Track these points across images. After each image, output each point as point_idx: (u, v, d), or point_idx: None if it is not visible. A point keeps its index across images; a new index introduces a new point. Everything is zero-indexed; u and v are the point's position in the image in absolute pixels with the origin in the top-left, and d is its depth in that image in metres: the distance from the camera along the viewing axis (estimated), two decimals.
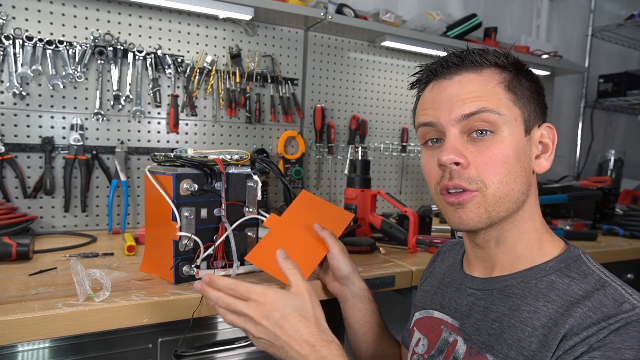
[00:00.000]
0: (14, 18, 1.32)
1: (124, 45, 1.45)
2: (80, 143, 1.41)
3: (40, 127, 1.38)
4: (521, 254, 0.66)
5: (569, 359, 0.54)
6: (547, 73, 2.33)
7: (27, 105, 1.36)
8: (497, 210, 0.62)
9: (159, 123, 1.55)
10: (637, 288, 0.59)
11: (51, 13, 1.37)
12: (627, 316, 0.53)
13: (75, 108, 1.42)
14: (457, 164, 0.62)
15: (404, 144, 2.04)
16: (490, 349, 0.62)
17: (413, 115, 0.73)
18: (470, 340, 0.66)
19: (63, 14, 1.38)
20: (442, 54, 0.68)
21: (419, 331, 0.77)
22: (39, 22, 1.35)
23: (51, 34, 1.37)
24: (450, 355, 0.68)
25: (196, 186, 0.90)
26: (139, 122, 1.52)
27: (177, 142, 1.59)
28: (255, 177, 0.97)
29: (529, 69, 0.68)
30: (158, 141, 1.55)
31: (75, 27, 1.40)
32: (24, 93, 1.33)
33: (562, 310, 0.57)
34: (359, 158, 1.46)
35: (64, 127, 1.41)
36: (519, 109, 0.64)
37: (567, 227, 1.77)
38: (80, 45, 1.39)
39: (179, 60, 1.54)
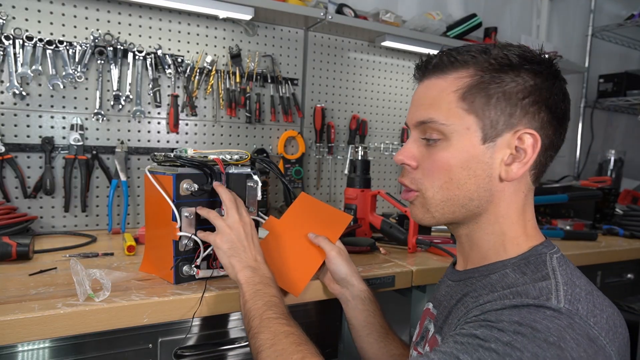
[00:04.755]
0: (14, 18, 1.32)
1: (124, 45, 1.45)
2: (80, 143, 1.41)
3: (40, 127, 1.38)
4: (486, 253, 0.67)
5: (463, 319, 0.57)
6: None
7: (27, 105, 1.36)
8: (440, 212, 0.67)
9: (159, 123, 1.55)
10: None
11: (51, 13, 1.37)
12: (529, 301, 0.53)
13: (75, 108, 1.42)
14: (409, 164, 0.69)
15: (404, 144, 2.04)
16: (440, 331, 0.68)
17: None
18: (436, 325, 0.71)
19: (63, 14, 1.38)
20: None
21: (419, 322, 0.81)
22: (39, 22, 1.35)
23: (51, 34, 1.37)
24: (427, 340, 0.73)
25: (196, 186, 0.90)
26: (139, 122, 1.52)
27: (177, 142, 1.59)
28: (255, 177, 0.97)
29: (527, 68, 0.62)
30: (158, 141, 1.55)
31: (75, 27, 1.40)
32: (24, 93, 1.33)
33: (492, 292, 0.60)
34: (359, 158, 1.46)
35: (64, 127, 1.41)
36: (474, 117, 0.62)
37: (567, 227, 1.77)
38: (80, 45, 1.39)
39: (179, 60, 1.54)
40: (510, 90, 0.62)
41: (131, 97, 1.48)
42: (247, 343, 0.97)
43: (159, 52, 1.50)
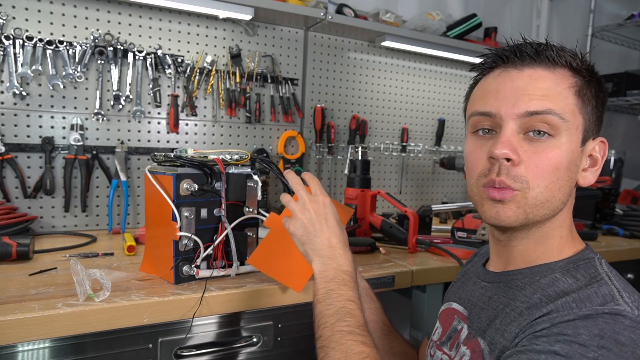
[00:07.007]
0: (14, 18, 1.32)
1: (124, 45, 1.45)
2: (80, 143, 1.41)
3: (40, 127, 1.38)
4: (538, 255, 0.65)
5: (529, 332, 0.55)
6: None
7: (27, 105, 1.36)
8: (535, 213, 0.61)
9: (159, 123, 1.55)
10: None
11: (51, 13, 1.36)
12: (601, 308, 0.51)
13: (75, 108, 1.42)
14: (509, 159, 0.60)
15: (404, 144, 2.04)
16: (482, 334, 0.64)
17: (466, 99, 0.70)
18: (472, 326, 0.68)
19: (63, 14, 1.38)
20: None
21: (439, 321, 0.79)
22: (39, 22, 1.35)
23: (51, 34, 1.37)
24: (456, 340, 0.71)
25: (196, 186, 0.90)
26: (139, 122, 1.52)
27: (177, 142, 1.59)
28: (255, 177, 0.97)
29: (601, 78, 0.65)
30: (158, 141, 1.55)
31: (75, 27, 1.40)
32: (24, 93, 1.33)
33: (550, 299, 0.57)
34: (359, 158, 1.46)
35: (64, 127, 1.41)
36: (582, 118, 0.62)
37: None
38: (80, 45, 1.39)
39: (179, 60, 1.54)
40: (599, 98, 0.63)
41: (131, 97, 1.48)
42: (247, 343, 0.97)
43: (159, 52, 1.50)
